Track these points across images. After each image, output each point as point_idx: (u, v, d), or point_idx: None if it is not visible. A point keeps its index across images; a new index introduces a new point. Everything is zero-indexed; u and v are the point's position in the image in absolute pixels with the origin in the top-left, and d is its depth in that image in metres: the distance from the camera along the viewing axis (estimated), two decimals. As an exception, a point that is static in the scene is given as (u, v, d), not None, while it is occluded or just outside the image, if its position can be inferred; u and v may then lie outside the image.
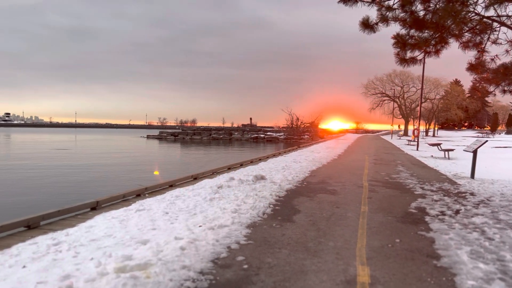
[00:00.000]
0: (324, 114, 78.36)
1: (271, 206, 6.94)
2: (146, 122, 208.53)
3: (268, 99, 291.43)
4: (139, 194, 8.25)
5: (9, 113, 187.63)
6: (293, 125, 66.96)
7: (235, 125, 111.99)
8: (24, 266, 3.86)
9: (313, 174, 11.79)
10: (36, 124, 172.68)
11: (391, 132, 65.45)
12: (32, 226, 5.55)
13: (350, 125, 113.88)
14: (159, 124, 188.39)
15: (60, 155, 28.98)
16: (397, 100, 68.13)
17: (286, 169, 12.49)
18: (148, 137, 67.84)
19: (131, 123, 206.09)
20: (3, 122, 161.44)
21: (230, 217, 5.83)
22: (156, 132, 77.43)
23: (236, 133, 68.37)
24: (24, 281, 3.48)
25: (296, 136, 62.70)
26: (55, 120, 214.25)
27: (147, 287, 3.40)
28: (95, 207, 6.88)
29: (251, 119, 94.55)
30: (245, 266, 4.04)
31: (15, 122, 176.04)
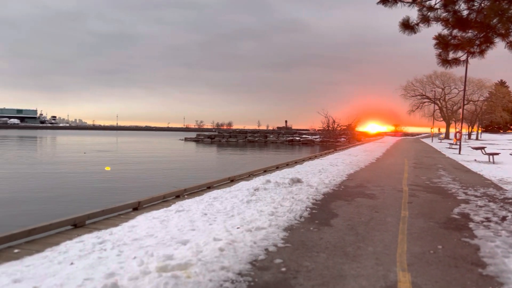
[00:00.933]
0: (361, 117, 76.84)
1: (308, 209, 6.91)
2: (183, 125, 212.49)
3: (303, 102, 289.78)
4: (179, 195, 8.43)
5: (55, 116, 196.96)
6: (329, 128, 66.17)
7: (270, 128, 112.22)
8: (71, 263, 4.04)
9: (350, 178, 11.64)
10: (79, 127, 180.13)
11: (432, 135, 63.39)
12: (78, 225, 5.80)
13: (388, 128, 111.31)
14: (196, 127, 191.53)
15: (103, 157, 30.07)
16: (438, 102, 66.01)
17: (322, 172, 12.38)
18: (186, 139, 69.06)
19: (170, 125, 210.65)
20: (49, 124, 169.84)
21: (267, 220, 5.86)
22: (193, 134, 78.71)
23: (271, 136, 68.40)
24: (72, 277, 3.64)
25: (332, 139, 61.94)
26: (97, 123, 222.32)
27: (188, 287, 3.48)
28: (137, 207, 7.11)
29: (286, 121, 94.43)
30: (283, 269, 4.05)
31: (61, 124, 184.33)
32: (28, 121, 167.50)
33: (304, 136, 66.46)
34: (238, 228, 5.38)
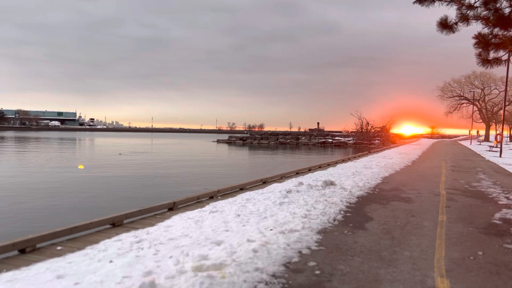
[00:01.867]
0: (395, 119, 74.99)
1: (342, 212, 6.84)
2: (216, 127, 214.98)
3: (336, 104, 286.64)
4: (212, 196, 8.54)
5: (93, 119, 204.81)
6: (363, 130, 65.15)
7: (302, 130, 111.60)
8: (111, 261, 4.17)
9: (385, 181, 11.41)
10: (116, 129, 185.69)
11: (470, 138, 61.18)
12: (117, 224, 5.99)
13: (424, 130, 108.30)
14: (228, 129, 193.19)
15: (139, 158, 30.87)
16: (477, 103, 63.66)
17: (356, 175, 12.21)
18: (218, 141, 69.83)
19: (202, 127, 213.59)
20: (88, 126, 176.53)
21: (300, 222, 5.84)
22: (225, 136, 79.48)
23: (303, 138, 68.04)
24: (111, 275, 3.76)
25: (366, 141, 60.92)
26: (133, 125, 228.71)
27: (223, 287, 3.53)
28: (172, 208, 7.26)
29: (318, 123, 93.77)
30: (317, 272, 4.03)
31: (98, 126, 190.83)
32: (68, 123, 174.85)
33: (336, 138, 65.69)
34: (271, 230, 5.39)
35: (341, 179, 11.05)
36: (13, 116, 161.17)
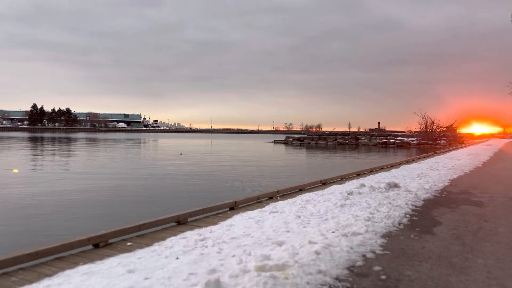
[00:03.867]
0: (463, 118, 70.83)
1: (407, 216, 6.56)
2: (273, 128, 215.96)
3: (397, 102, 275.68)
4: (271, 197, 8.59)
5: (157, 120, 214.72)
6: (428, 130, 62.18)
7: (361, 130, 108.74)
8: (177, 258, 4.33)
9: (453, 183, 10.80)
10: (178, 130, 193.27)
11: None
12: (181, 222, 6.21)
13: (495, 129, 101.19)
14: (285, 129, 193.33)
15: (199, 158, 31.80)
16: (557, 99, 58.36)
17: (422, 177, 11.68)
18: (275, 142, 70.02)
19: (260, 128, 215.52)
20: (151, 128, 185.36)
21: (363, 225, 5.68)
22: (282, 137, 79.54)
23: (363, 138, 66.26)
24: (178, 271, 3.89)
25: (431, 141, 58.09)
26: (194, 126, 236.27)
27: (286, 288, 3.52)
28: (233, 207, 7.39)
29: (379, 123, 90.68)
30: (383, 277, 3.90)
31: (162, 128, 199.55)
32: (133, 125, 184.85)
33: (399, 138, 63.25)
34: (333, 232, 5.30)
35: (406, 181, 10.63)
36: (84, 119, 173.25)
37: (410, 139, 61.69)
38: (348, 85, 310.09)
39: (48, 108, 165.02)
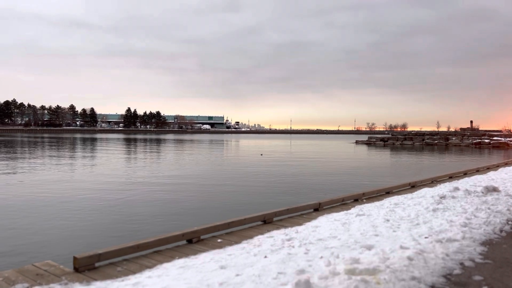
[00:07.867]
0: None
1: (510, 222, 6.01)
2: (354, 128, 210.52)
3: (492, 100, 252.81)
4: (357, 199, 8.40)
5: (238, 122, 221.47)
6: (530, 128, 56.12)
7: (452, 129, 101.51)
8: (265, 256, 4.42)
9: None
10: (258, 131, 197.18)
11: None
12: (267, 221, 6.33)
13: None
14: (367, 129, 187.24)
15: (279, 158, 32.11)
16: None
17: (525, 180, 10.60)
18: (357, 142, 68.13)
19: (340, 129, 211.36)
20: (234, 129, 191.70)
21: (459, 231, 5.32)
22: (364, 137, 77.15)
23: (453, 138, 61.81)
24: (267, 270, 3.97)
25: (533, 141, 52.35)
26: (273, 127, 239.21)
27: (377, 293, 3.43)
28: (318, 208, 7.36)
29: (471, 122, 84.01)
30: (485, 288, 3.62)
31: (243, 129, 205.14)
32: (217, 126, 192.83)
33: (495, 138, 57.94)
34: (426, 237, 5.04)
35: (506, 184, 9.74)
36: (172, 121, 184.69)
37: (508, 139, 56.16)
38: (435, 81, 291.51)
39: (140, 111, 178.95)
